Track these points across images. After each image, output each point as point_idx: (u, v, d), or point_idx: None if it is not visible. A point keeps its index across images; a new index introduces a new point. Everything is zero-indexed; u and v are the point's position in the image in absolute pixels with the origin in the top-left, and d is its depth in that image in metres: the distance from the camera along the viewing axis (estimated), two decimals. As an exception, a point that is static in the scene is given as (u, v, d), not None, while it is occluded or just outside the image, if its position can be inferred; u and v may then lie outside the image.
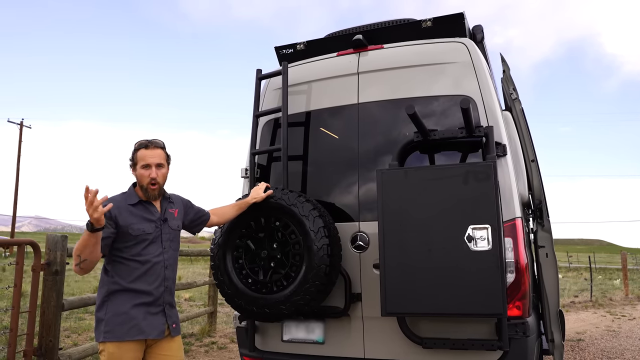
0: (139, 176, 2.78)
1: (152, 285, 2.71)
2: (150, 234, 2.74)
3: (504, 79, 4.19)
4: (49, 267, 4.17)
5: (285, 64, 3.68)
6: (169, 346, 2.80)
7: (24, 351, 4.07)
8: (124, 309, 2.64)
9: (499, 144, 3.11)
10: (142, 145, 2.79)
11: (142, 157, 2.76)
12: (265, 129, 3.86)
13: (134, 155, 2.79)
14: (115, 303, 2.66)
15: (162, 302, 2.76)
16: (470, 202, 2.77)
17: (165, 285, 2.77)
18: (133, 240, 2.69)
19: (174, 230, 2.88)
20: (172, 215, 2.90)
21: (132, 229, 2.68)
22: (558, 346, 3.48)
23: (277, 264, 3.24)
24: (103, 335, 2.62)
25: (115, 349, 2.61)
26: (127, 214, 2.71)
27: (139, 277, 2.68)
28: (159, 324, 2.73)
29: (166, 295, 2.78)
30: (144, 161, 2.75)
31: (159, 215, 2.82)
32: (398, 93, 3.45)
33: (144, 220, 2.74)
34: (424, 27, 3.56)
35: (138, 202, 2.77)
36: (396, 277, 2.84)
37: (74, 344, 6.89)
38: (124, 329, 2.62)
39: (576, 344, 7.54)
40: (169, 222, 2.86)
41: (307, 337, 3.38)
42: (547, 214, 3.76)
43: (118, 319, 2.63)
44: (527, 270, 2.95)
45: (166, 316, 2.77)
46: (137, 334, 2.64)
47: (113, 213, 2.65)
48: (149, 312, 2.70)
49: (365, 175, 3.38)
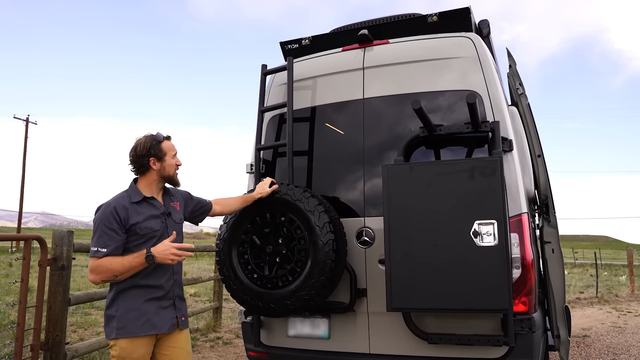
0: (168, 166, 2.83)
1: (162, 280, 2.74)
2: (158, 230, 2.76)
3: (510, 73, 4.17)
4: (56, 262, 4.19)
5: (290, 59, 3.67)
6: (177, 339, 2.82)
7: (31, 345, 4.09)
8: (136, 304, 2.66)
9: (505, 139, 3.10)
10: (165, 137, 2.87)
11: (171, 147, 2.85)
12: (270, 124, 3.86)
13: (158, 148, 2.80)
14: (127, 299, 2.67)
15: (173, 296, 2.79)
16: (476, 198, 2.76)
17: (175, 278, 2.81)
18: (142, 239, 2.70)
19: (178, 224, 2.91)
20: (174, 208, 2.92)
21: (139, 227, 2.69)
22: (564, 342, 3.48)
23: (283, 259, 3.24)
24: (116, 332, 2.62)
25: (128, 344, 2.61)
26: (134, 213, 2.71)
27: (149, 273, 2.70)
28: (170, 318, 2.76)
29: (175, 288, 2.81)
30: (173, 150, 2.86)
31: (163, 210, 2.84)
32: (404, 88, 3.44)
33: (150, 218, 2.76)
34: (430, 22, 3.54)
35: (142, 200, 2.78)
36: (402, 273, 2.84)
37: (80, 338, 6.94)
38: (137, 325, 2.63)
39: (582, 340, 7.52)
40: (173, 216, 2.88)
41: (312, 333, 3.38)
42: (553, 209, 3.75)
43: (130, 314, 2.64)
44: (533, 266, 2.94)
45: (176, 309, 2.80)
46: (150, 329, 2.66)
47: (122, 216, 2.65)
48: (161, 307, 2.72)
49: (371, 171, 3.37)
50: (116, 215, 2.63)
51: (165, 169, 2.83)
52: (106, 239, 2.59)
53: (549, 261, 3.58)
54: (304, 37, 3.95)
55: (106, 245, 2.58)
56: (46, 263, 4.16)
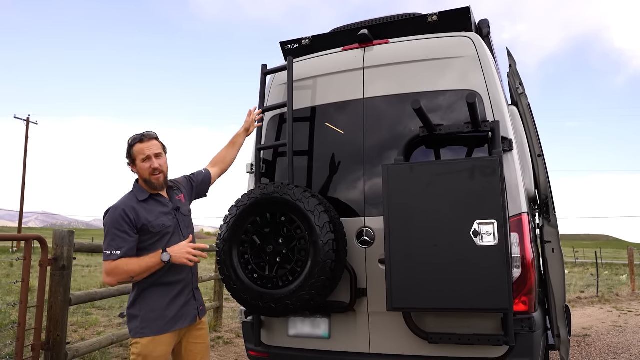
0: (140, 171, 2.78)
1: (181, 275, 2.79)
2: (170, 226, 2.79)
3: (510, 73, 4.16)
4: (56, 262, 4.19)
5: (290, 59, 3.67)
6: (199, 335, 2.89)
7: (32, 345, 4.10)
8: (159, 303, 2.69)
9: (505, 138, 3.10)
10: (137, 139, 2.79)
11: (140, 151, 2.76)
12: (270, 124, 3.86)
13: (130, 151, 2.79)
14: (150, 298, 2.70)
15: (192, 288, 2.85)
16: (476, 197, 2.76)
17: (192, 271, 2.86)
18: (156, 236, 2.72)
19: (187, 216, 2.94)
20: (180, 201, 2.94)
21: (152, 226, 2.70)
22: (564, 341, 3.48)
23: (283, 259, 3.24)
24: (140, 331, 2.65)
25: (149, 343, 2.65)
26: (143, 212, 2.71)
27: (168, 270, 2.72)
28: (192, 310, 2.82)
29: (194, 279, 2.88)
30: (142, 154, 2.76)
31: (172, 205, 2.86)
32: (404, 88, 3.44)
33: (161, 215, 2.77)
34: (430, 22, 3.54)
35: (149, 197, 2.78)
36: (402, 273, 2.84)
37: (81, 338, 6.95)
38: (160, 324, 2.67)
39: (582, 340, 7.52)
40: (182, 209, 2.91)
41: (312, 332, 3.39)
42: (554, 209, 3.75)
43: (153, 314, 2.67)
44: (533, 266, 2.94)
45: (196, 300, 2.86)
46: (173, 326, 2.71)
47: (132, 217, 2.66)
48: (182, 301, 2.77)
49: (371, 171, 3.37)
50: (125, 217, 2.63)
51: (139, 173, 2.79)
52: (119, 242, 2.60)
53: (549, 261, 3.58)
54: (304, 37, 3.95)
55: (119, 248, 2.59)
56: (47, 263, 4.17)
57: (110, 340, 5.06)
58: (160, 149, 2.82)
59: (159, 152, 2.81)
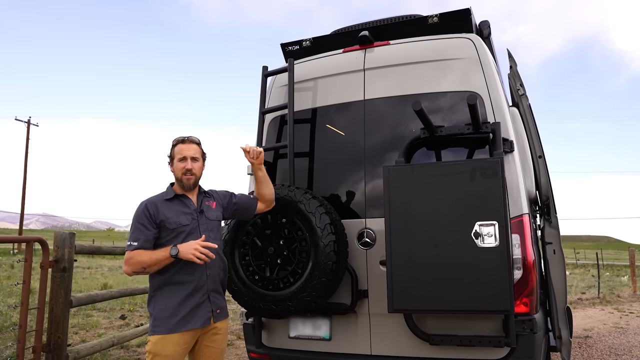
0: (175, 170, 2.92)
1: (194, 275, 2.81)
2: (187, 225, 2.84)
3: (511, 74, 4.17)
4: (57, 264, 4.20)
5: (291, 61, 3.68)
6: (215, 338, 2.91)
7: (32, 347, 4.10)
8: (171, 303, 2.76)
9: (506, 140, 3.10)
10: (180, 140, 2.95)
11: (179, 151, 2.92)
12: (271, 125, 3.86)
13: (172, 150, 2.95)
14: (162, 297, 2.79)
15: (207, 290, 2.85)
16: (477, 199, 2.76)
17: (208, 273, 2.86)
18: (172, 234, 2.81)
19: (212, 221, 2.97)
20: (209, 207, 3.00)
21: (169, 222, 2.80)
22: (565, 343, 3.47)
23: (284, 261, 3.24)
24: (152, 329, 2.76)
25: (159, 340, 2.72)
26: (164, 209, 2.83)
27: (180, 268, 2.78)
28: (205, 312, 2.84)
29: (210, 282, 2.87)
30: (180, 154, 2.90)
31: (194, 207, 2.92)
32: (404, 89, 3.44)
33: (180, 214, 2.85)
34: (431, 23, 3.54)
35: (174, 197, 2.90)
36: (403, 274, 2.84)
37: (82, 340, 6.94)
38: (170, 323, 2.73)
39: (584, 341, 7.51)
40: (206, 214, 2.95)
41: (313, 334, 3.38)
42: (555, 210, 3.74)
43: (165, 313, 2.75)
44: (534, 267, 2.94)
45: (211, 303, 2.87)
46: (183, 326, 2.75)
47: (152, 212, 2.79)
48: (195, 302, 2.80)
49: (372, 172, 3.37)
50: (147, 211, 2.79)
51: (174, 172, 2.94)
52: (138, 234, 2.76)
53: (550, 262, 3.57)
54: (304, 39, 3.95)
55: (137, 239, 2.75)
56: (48, 265, 4.17)
57: (111, 342, 5.06)
58: (198, 154, 2.95)
59: (196, 156, 2.94)
